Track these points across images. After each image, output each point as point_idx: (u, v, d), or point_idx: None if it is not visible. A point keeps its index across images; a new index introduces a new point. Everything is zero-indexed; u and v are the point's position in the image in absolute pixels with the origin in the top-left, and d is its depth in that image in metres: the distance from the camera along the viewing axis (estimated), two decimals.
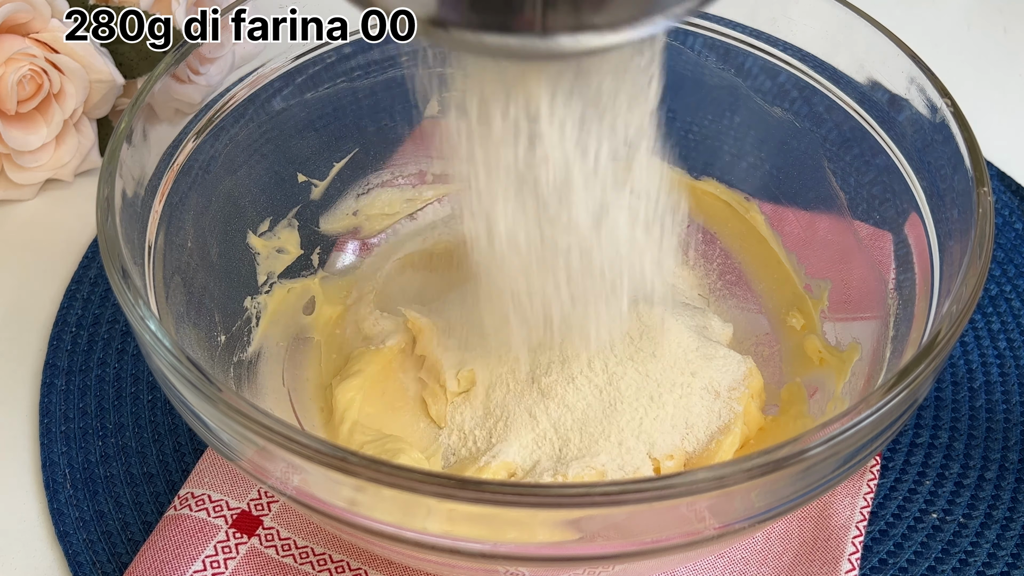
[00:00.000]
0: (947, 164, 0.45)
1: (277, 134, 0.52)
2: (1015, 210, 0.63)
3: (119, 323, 0.57)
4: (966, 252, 0.41)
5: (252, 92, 0.51)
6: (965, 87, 0.55)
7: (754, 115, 0.53)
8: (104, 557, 0.49)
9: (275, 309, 0.52)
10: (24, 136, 0.61)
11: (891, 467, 0.52)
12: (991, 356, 0.57)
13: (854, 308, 0.51)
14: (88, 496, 0.51)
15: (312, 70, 0.52)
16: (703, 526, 0.37)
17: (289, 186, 0.54)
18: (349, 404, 0.49)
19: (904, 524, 0.51)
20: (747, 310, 0.54)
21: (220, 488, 0.49)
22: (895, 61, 0.47)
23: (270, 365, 0.51)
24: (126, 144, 0.44)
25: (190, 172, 0.48)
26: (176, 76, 0.56)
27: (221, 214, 0.50)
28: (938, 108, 0.45)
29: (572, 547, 0.37)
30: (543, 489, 0.35)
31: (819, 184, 0.52)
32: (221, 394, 0.37)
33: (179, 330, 0.45)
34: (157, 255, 0.45)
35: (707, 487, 0.35)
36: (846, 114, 0.50)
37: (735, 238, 0.56)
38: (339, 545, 0.48)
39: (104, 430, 0.53)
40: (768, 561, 0.48)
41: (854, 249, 0.51)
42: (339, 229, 0.56)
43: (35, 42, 0.59)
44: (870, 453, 0.39)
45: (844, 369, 0.49)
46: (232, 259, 0.51)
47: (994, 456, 0.53)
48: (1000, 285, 0.60)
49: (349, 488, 0.36)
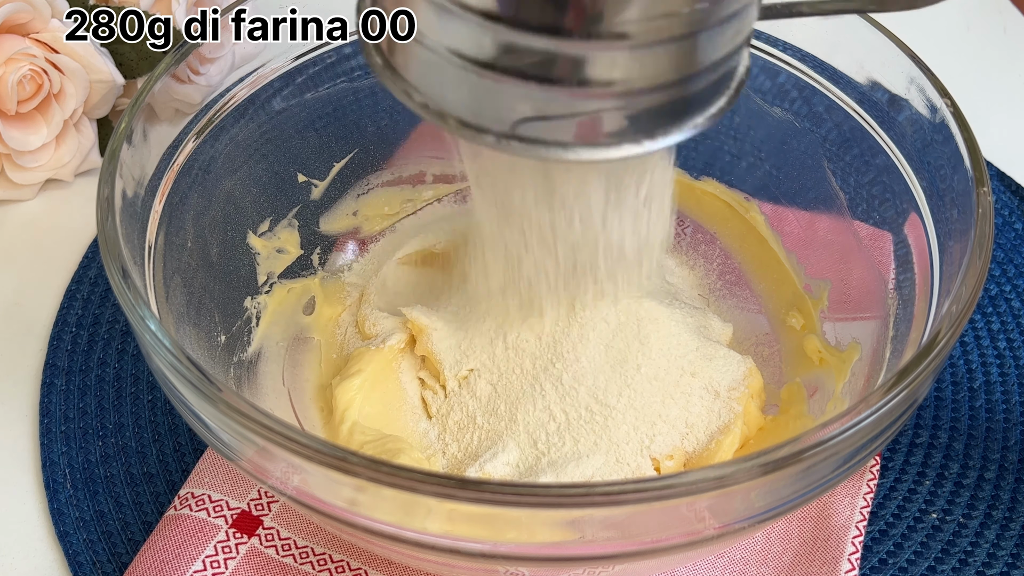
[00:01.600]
0: (947, 164, 0.45)
1: (277, 134, 0.52)
2: (1015, 210, 0.63)
3: (119, 323, 0.57)
4: (966, 252, 0.41)
5: (252, 92, 0.51)
6: (965, 87, 0.55)
7: (754, 115, 0.53)
8: (104, 557, 0.49)
9: (275, 309, 0.52)
10: (24, 136, 0.61)
11: (891, 467, 0.52)
12: (991, 356, 0.57)
13: (854, 308, 0.51)
14: (88, 496, 0.51)
15: (312, 70, 0.52)
16: (703, 526, 0.37)
17: (289, 186, 0.54)
18: (349, 404, 0.49)
19: (904, 524, 0.51)
20: (747, 310, 0.54)
21: (220, 488, 0.49)
22: (895, 61, 0.47)
23: (270, 365, 0.51)
24: (126, 144, 0.44)
25: (190, 172, 0.48)
26: (176, 76, 0.56)
27: (221, 214, 0.50)
28: (938, 108, 0.45)
29: (572, 547, 0.37)
30: (543, 489, 0.35)
31: (819, 184, 0.52)
32: (221, 394, 0.37)
33: (179, 330, 0.45)
34: (157, 255, 0.45)
35: (707, 487, 0.35)
36: (846, 114, 0.50)
37: (735, 238, 0.56)
38: (339, 545, 0.48)
39: (104, 430, 0.53)
40: (768, 561, 0.48)
41: (854, 249, 0.51)
42: (339, 229, 0.56)
43: (35, 42, 0.59)
44: (870, 453, 0.39)
45: (844, 369, 0.49)
46: (232, 259, 0.51)
47: (994, 456, 0.53)
48: (1000, 285, 0.60)
49: (349, 488, 0.36)
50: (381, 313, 0.53)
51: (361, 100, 0.55)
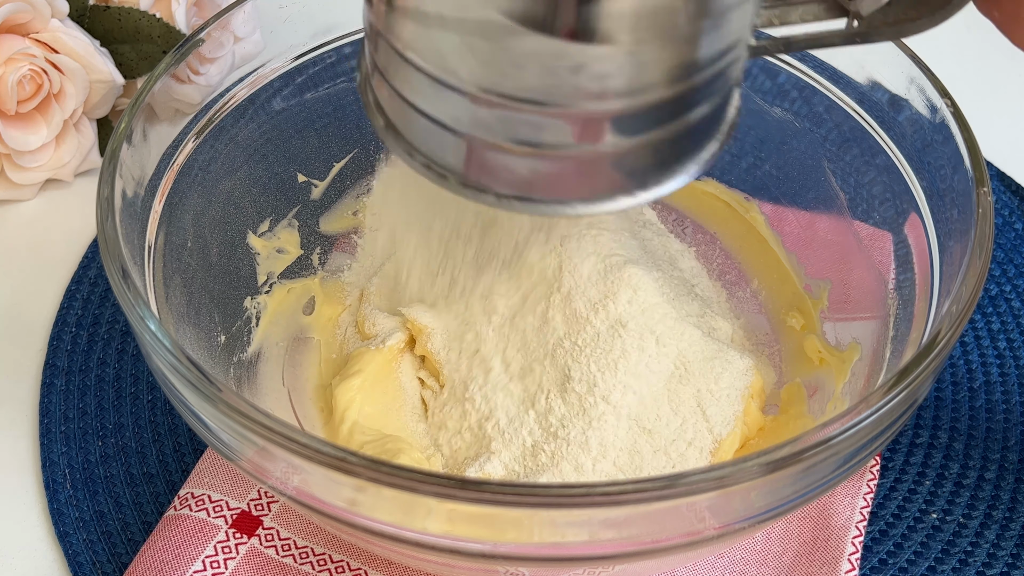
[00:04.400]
0: (947, 164, 0.45)
1: (277, 134, 0.52)
2: (1015, 210, 0.63)
3: (119, 323, 0.57)
4: (966, 252, 0.41)
5: (252, 92, 0.51)
6: (965, 87, 0.55)
7: (754, 115, 0.53)
8: (104, 557, 0.49)
9: (275, 309, 0.52)
10: (24, 136, 0.61)
11: (891, 467, 0.52)
12: (991, 356, 0.57)
13: (854, 308, 0.51)
14: (88, 496, 0.51)
15: (312, 70, 0.52)
16: (703, 526, 0.37)
17: (289, 186, 0.54)
18: (349, 404, 0.49)
19: (904, 524, 0.51)
20: (747, 310, 0.54)
21: (220, 488, 0.49)
22: (895, 61, 0.47)
23: (270, 365, 0.51)
24: (126, 144, 0.44)
25: (190, 172, 0.48)
26: (176, 76, 0.56)
27: (221, 214, 0.50)
28: (938, 108, 0.45)
29: (572, 547, 0.37)
30: (543, 489, 0.35)
31: (819, 184, 0.52)
32: (221, 394, 0.37)
33: (179, 330, 0.45)
34: (157, 255, 0.45)
35: (707, 487, 0.35)
36: (846, 114, 0.50)
37: (735, 238, 0.56)
38: (339, 545, 0.48)
39: (104, 430, 0.53)
40: (768, 561, 0.48)
41: (854, 249, 0.51)
42: (339, 229, 0.56)
43: (35, 42, 0.59)
44: (870, 453, 0.39)
45: (844, 369, 0.49)
46: (232, 259, 0.51)
47: (994, 456, 0.53)
48: (1000, 285, 0.60)
49: (349, 488, 0.36)
50: (381, 313, 0.53)
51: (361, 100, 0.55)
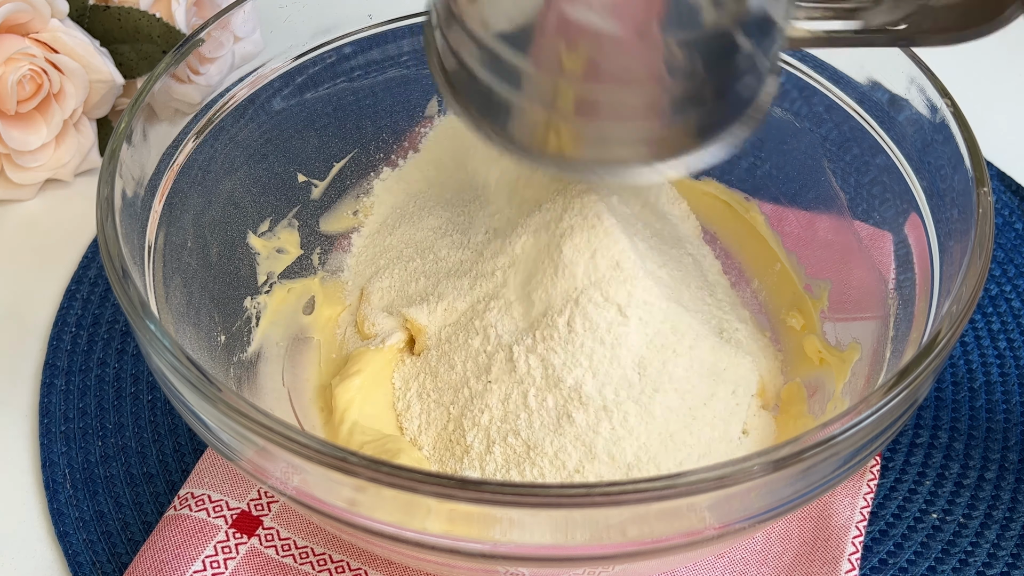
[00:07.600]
0: (947, 164, 0.45)
1: (277, 134, 0.52)
2: (1015, 210, 0.63)
3: (119, 323, 0.57)
4: (966, 252, 0.41)
5: (252, 92, 0.51)
6: (965, 87, 0.55)
7: None
8: (104, 557, 0.49)
9: (275, 309, 0.52)
10: (24, 136, 0.61)
11: (891, 467, 0.52)
12: (991, 356, 0.57)
13: (854, 308, 0.51)
14: (88, 496, 0.51)
15: (312, 70, 0.52)
16: (703, 526, 0.37)
17: (289, 186, 0.54)
18: (349, 404, 0.49)
19: (904, 524, 0.51)
20: (747, 310, 0.54)
21: (220, 488, 0.49)
22: (895, 61, 0.47)
23: (270, 365, 0.51)
24: (126, 144, 0.44)
25: (190, 172, 0.48)
26: (176, 76, 0.56)
27: (221, 214, 0.50)
28: (938, 108, 0.45)
29: (572, 547, 0.37)
30: (543, 489, 0.35)
31: (819, 184, 0.52)
32: (221, 394, 0.37)
33: (179, 330, 0.45)
34: (157, 255, 0.45)
35: (707, 487, 0.35)
36: (846, 114, 0.50)
37: (735, 238, 0.56)
38: (339, 545, 0.48)
39: (104, 430, 0.53)
40: (768, 561, 0.48)
41: (854, 249, 0.51)
42: (339, 229, 0.56)
43: (35, 42, 0.59)
44: (870, 453, 0.39)
45: (844, 369, 0.49)
46: (232, 259, 0.51)
47: (994, 456, 0.53)
48: (1000, 285, 0.60)
49: (349, 488, 0.36)
50: (381, 313, 0.53)
51: (361, 100, 0.55)
